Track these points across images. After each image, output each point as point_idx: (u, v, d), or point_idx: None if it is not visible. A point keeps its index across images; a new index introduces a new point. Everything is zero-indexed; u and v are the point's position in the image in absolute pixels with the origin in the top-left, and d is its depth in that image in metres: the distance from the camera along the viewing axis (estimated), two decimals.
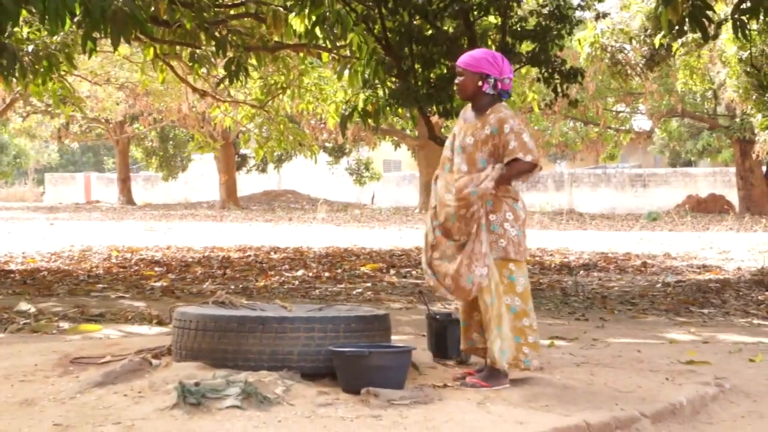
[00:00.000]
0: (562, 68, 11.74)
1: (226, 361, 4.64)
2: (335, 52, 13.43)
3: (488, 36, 12.11)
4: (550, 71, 11.66)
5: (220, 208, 39.11)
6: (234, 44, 12.72)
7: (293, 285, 11.06)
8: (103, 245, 17.08)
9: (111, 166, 59.92)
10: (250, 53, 13.28)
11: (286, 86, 16.34)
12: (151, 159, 44.96)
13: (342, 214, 33.99)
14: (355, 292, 10.33)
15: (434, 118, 13.21)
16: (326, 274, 12.22)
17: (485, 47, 10.71)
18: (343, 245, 17.82)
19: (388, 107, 11.78)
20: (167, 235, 21.02)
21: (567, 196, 39.58)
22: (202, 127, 31.98)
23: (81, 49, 9.68)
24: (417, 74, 11.36)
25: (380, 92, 11.87)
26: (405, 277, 12.18)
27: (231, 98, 19.43)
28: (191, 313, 4.88)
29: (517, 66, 11.63)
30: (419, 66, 11.44)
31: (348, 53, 12.33)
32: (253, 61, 13.61)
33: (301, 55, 15.18)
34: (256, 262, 14.03)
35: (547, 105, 13.88)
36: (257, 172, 46.17)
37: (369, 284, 11.22)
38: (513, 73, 5.14)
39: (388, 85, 11.68)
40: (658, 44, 16.32)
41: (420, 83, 11.28)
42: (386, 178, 47.19)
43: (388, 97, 11.55)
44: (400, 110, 12.25)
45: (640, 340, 7.08)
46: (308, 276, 12.04)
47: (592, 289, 10.92)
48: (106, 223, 27.04)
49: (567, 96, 12.00)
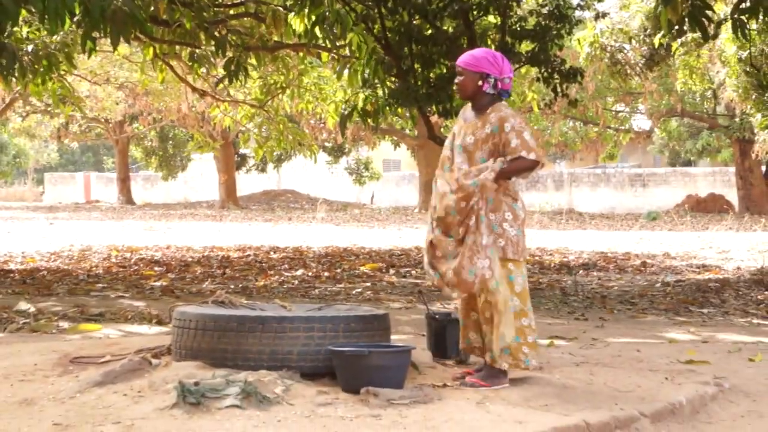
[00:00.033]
0: (562, 68, 11.75)
1: (226, 361, 4.65)
2: (335, 51, 13.42)
3: (488, 36, 12.12)
4: (549, 71, 11.67)
5: (220, 208, 39.10)
6: (233, 44, 12.73)
7: (293, 284, 11.06)
8: (102, 245, 17.07)
9: (110, 166, 59.92)
10: (250, 53, 13.27)
11: (285, 86, 16.33)
12: (150, 159, 44.93)
13: (341, 214, 33.98)
14: (354, 292, 10.33)
15: (434, 118, 13.22)
16: (326, 274, 12.22)
17: (485, 47, 10.71)
18: (343, 245, 17.82)
19: (388, 107, 11.78)
20: (167, 235, 21.01)
21: (566, 195, 39.58)
22: (202, 127, 31.97)
23: (80, 48, 9.68)
24: (416, 74, 11.36)
25: (380, 92, 11.87)
26: (404, 277, 12.18)
27: (230, 98, 19.42)
28: (191, 312, 4.88)
29: (517, 66, 11.63)
30: (419, 66, 11.44)
31: (347, 53, 12.32)
32: (253, 61, 13.60)
33: (301, 54, 15.17)
34: (256, 261, 14.03)
35: (546, 105, 13.88)
36: (257, 171, 46.15)
37: (368, 284, 11.22)
38: (513, 73, 5.14)
39: (388, 84, 11.68)
40: (657, 44, 16.33)
41: (419, 83, 11.28)
42: (386, 177, 47.16)
43: (387, 97, 11.55)
44: (400, 110, 12.25)
45: (640, 340, 7.08)
46: (308, 276, 12.04)
47: (592, 289, 10.92)
48: (105, 223, 27.04)
49: (566, 96, 12.01)
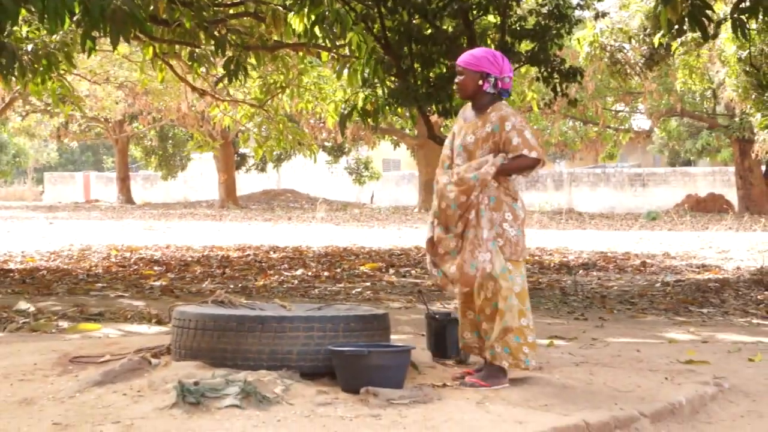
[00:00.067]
0: (562, 67, 11.75)
1: (226, 361, 4.64)
2: (334, 51, 13.42)
3: (487, 35, 12.12)
4: (549, 70, 11.67)
5: (220, 208, 39.09)
6: (233, 43, 12.72)
7: (292, 284, 11.06)
8: (102, 244, 17.07)
9: (110, 165, 59.91)
10: (250, 52, 13.27)
11: (285, 85, 16.33)
12: (150, 158, 44.92)
13: (341, 214, 33.98)
14: (354, 292, 10.33)
15: (433, 118, 13.22)
16: (325, 274, 12.21)
17: (484, 46, 10.71)
18: (343, 244, 17.81)
19: (388, 106, 11.77)
20: (166, 234, 21.01)
21: (566, 195, 39.57)
22: (202, 126, 31.96)
23: (80, 48, 9.67)
24: (416, 73, 11.36)
25: (379, 91, 11.87)
26: (404, 277, 12.18)
27: (230, 97, 19.43)
28: (190, 312, 4.88)
29: (517, 65, 11.63)
30: (418, 65, 11.44)
31: (347, 52, 12.31)
32: (253, 61, 13.60)
33: (301, 54, 15.17)
34: (256, 261, 14.02)
35: (546, 104, 13.88)
36: (256, 171, 46.14)
37: (368, 283, 11.22)
38: (513, 72, 5.14)
39: (388, 84, 11.67)
40: (657, 43, 16.32)
41: (419, 82, 11.28)
42: (385, 177, 47.16)
43: (387, 97, 11.54)
44: (400, 109, 12.24)
45: (640, 340, 7.08)
46: (307, 275, 12.04)
47: (591, 289, 10.92)
48: (105, 222, 27.04)
49: (566, 95, 12.01)
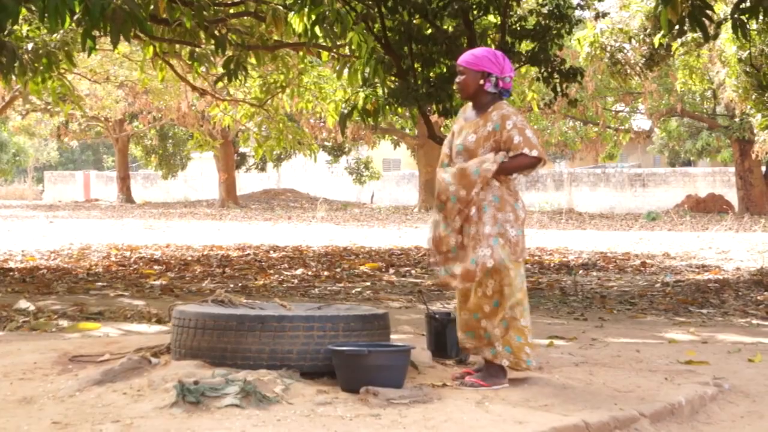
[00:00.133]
0: (562, 67, 11.74)
1: (225, 360, 4.65)
2: (335, 51, 13.41)
3: (488, 35, 12.12)
4: (549, 70, 11.67)
5: (220, 207, 39.09)
6: (233, 43, 12.72)
7: (292, 284, 11.06)
8: (102, 243, 17.08)
9: (110, 165, 59.89)
10: (250, 52, 13.27)
11: (285, 85, 16.32)
12: (150, 157, 44.92)
13: (341, 213, 33.98)
14: (354, 291, 10.33)
15: (434, 117, 13.23)
16: (325, 273, 12.21)
17: (485, 46, 10.71)
18: (343, 244, 17.81)
19: (388, 106, 11.77)
20: (166, 234, 21.02)
21: (566, 195, 39.56)
22: (202, 126, 31.97)
23: (80, 47, 9.66)
24: (416, 73, 11.36)
25: (380, 91, 11.87)
26: (404, 276, 12.18)
27: (230, 97, 19.41)
28: (190, 311, 4.88)
29: (517, 65, 11.63)
30: (419, 65, 11.44)
31: (347, 52, 12.31)
32: (253, 60, 13.59)
33: (301, 53, 15.16)
34: (256, 260, 14.03)
35: (546, 104, 13.88)
36: (256, 170, 46.15)
37: (368, 283, 11.22)
38: (513, 72, 5.14)
39: (388, 84, 11.67)
40: (657, 44, 16.31)
41: (419, 82, 11.28)
42: (385, 177, 47.15)
43: (387, 96, 11.54)
44: (400, 109, 12.24)
45: (639, 340, 7.08)
46: (307, 275, 12.04)
47: (591, 289, 10.92)
48: (105, 222, 27.04)
49: (566, 95, 12.01)
